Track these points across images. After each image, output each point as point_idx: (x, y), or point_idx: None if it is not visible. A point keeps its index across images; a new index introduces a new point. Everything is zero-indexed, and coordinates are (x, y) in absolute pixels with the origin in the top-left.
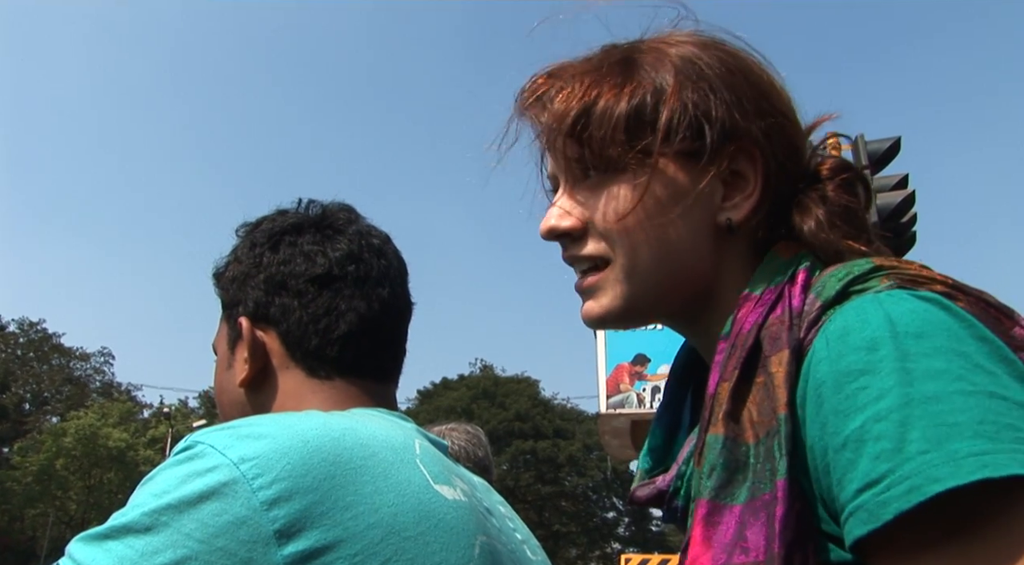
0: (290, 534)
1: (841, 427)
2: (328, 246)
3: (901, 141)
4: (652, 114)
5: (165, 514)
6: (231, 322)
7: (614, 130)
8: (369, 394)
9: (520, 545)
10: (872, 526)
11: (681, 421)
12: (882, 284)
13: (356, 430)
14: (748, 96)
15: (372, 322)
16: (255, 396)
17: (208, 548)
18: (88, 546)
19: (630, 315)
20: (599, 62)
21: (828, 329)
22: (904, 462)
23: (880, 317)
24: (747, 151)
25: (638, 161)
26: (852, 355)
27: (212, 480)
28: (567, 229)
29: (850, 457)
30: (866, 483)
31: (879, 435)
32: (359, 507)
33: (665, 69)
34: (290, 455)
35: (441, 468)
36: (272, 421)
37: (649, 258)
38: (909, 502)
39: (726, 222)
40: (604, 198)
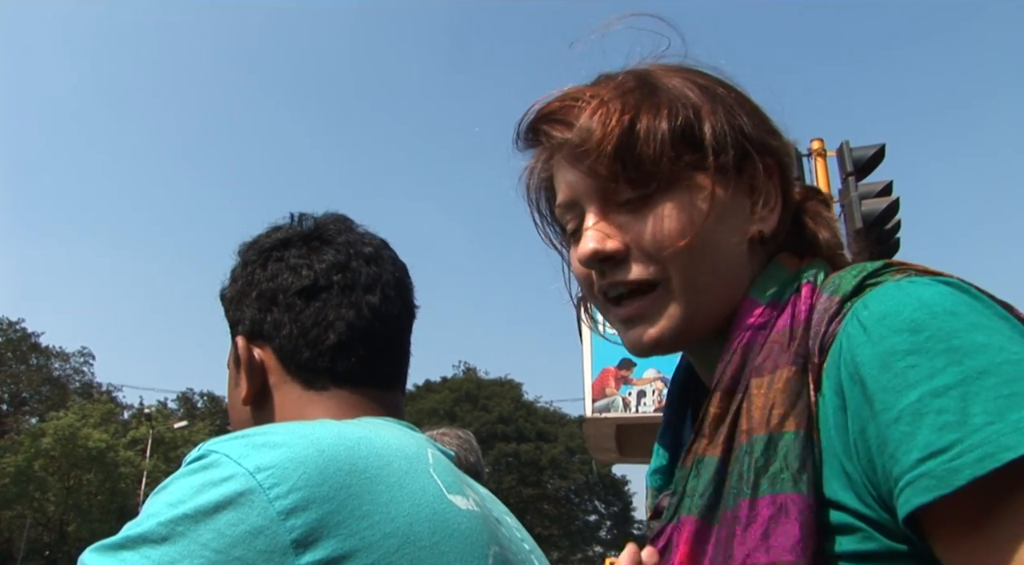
0: (307, 544)
1: (893, 402)
2: (314, 258)
3: (885, 148)
4: (698, 131)
5: (181, 524)
6: (233, 341)
7: (662, 146)
8: (373, 402)
9: (528, 555)
10: (941, 492)
11: (682, 441)
12: (895, 276)
13: (371, 439)
14: (761, 117)
15: (364, 330)
16: (258, 413)
17: (225, 558)
18: (103, 556)
19: (683, 336)
20: (619, 85)
21: (861, 315)
22: (972, 432)
23: (914, 300)
24: (768, 166)
25: (687, 176)
26: (895, 337)
27: (228, 490)
28: (612, 251)
29: (906, 430)
30: (930, 452)
31: (940, 409)
32: (375, 516)
33: (691, 91)
34: (306, 464)
35: (454, 478)
36: (287, 430)
37: (707, 273)
38: (983, 468)
39: (759, 234)
40: (655, 217)
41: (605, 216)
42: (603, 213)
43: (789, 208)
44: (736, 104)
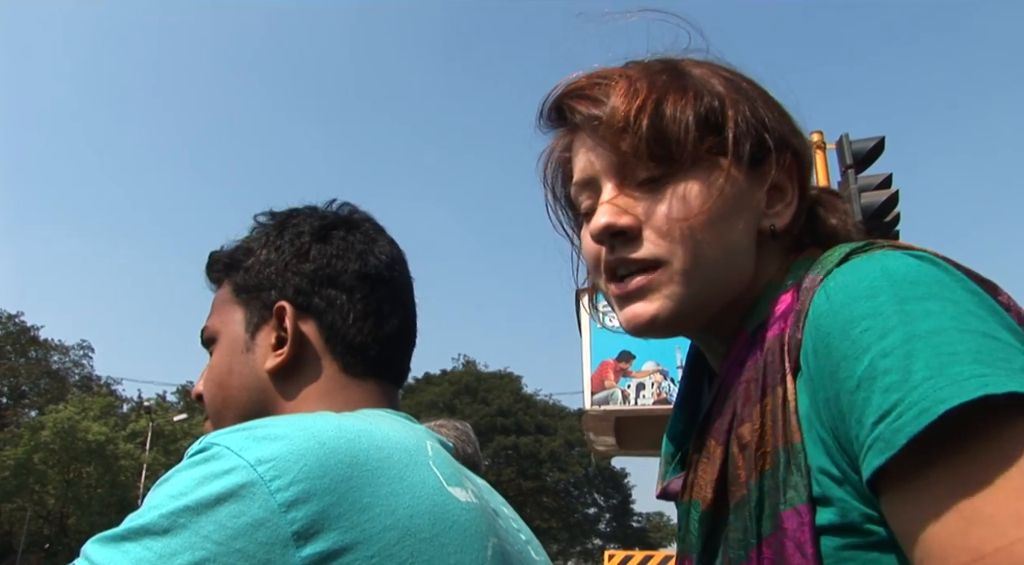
0: (308, 536)
1: (852, 369)
2: (376, 247)
3: (885, 141)
4: (721, 118)
5: (183, 516)
6: (253, 305)
7: (687, 129)
8: (385, 395)
9: (525, 546)
10: (889, 454)
11: (701, 406)
12: (873, 251)
13: (371, 432)
14: (783, 114)
15: (405, 328)
16: (283, 383)
17: (226, 550)
18: (105, 547)
19: (680, 320)
20: (647, 67)
21: (827, 285)
22: (911, 390)
23: (877, 269)
24: (787, 161)
25: (708, 161)
26: (854, 304)
27: (230, 482)
28: (625, 226)
29: (864, 395)
30: (880, 415)
31: (886, 369)
32: (376, 509)
33: (717, 82)
34: (307, 457)
35: (453, 470)
36: (288, 423)
37: (711, 260)
38: (920, 424)
39: (770, 228)
40: (670, 197)
41: (622, 192)
42: (620, 189)
43: (804, 204)
44: (759, 98)
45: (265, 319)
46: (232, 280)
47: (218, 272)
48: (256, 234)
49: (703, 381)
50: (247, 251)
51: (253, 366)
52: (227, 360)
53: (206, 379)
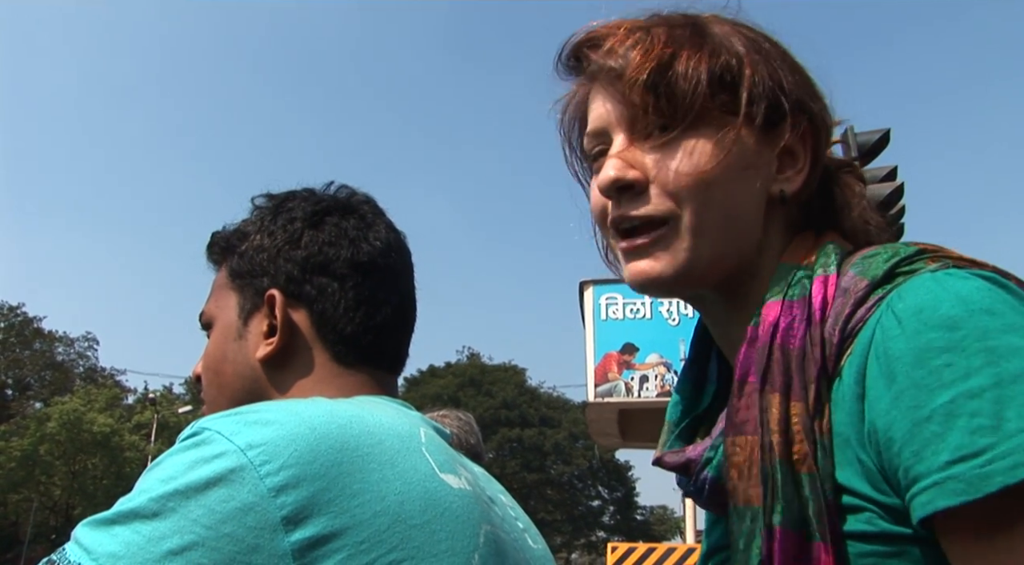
0: (297, 521)
1: (925, 401)
2: (370, 234)
3: (890, 133)
4: (736, 76)
5: (172, 500)
6: (246, 291)
7: (698, 85)
8: (380, 383)
9: (521, 533)
10: (968, 497)
11: (708, 374)
12: (929, 265)
13: (363, 418)
14: (804, 78)
15: (400, 316)
16: (274, 372)
17: (215, 534)
18: (95, 531)
19: (686, 278)
20: (667, 20)
21: (896, 307)
22: (1006, 438)
23: (952, 295)
24: (801, 128)
25: (719, 119)
26: (931, 333)
27: (219, 466)
28: (632, 180)
29: (936, 430)
30: (961, 456)
31: (974, 412)
32: (366, 495)
33: (737, 40)
34: (297, 442)
35: (446, 457)
36: (279, 408)
37: (718, 218)
38: (1016, 476)
39: (779, 193)
40: (679, 153)
41: (631, 145)
42: (630, 142)
43: (816, 173)
44: (781, 60)
45: (257, 306)
46: (228, 264)
47: (216, 254)
48: (252, 218)
49: (710, 354)
50: (242, 235)
51: (246, 354)
52: (222, 346)
53: (203, 365)
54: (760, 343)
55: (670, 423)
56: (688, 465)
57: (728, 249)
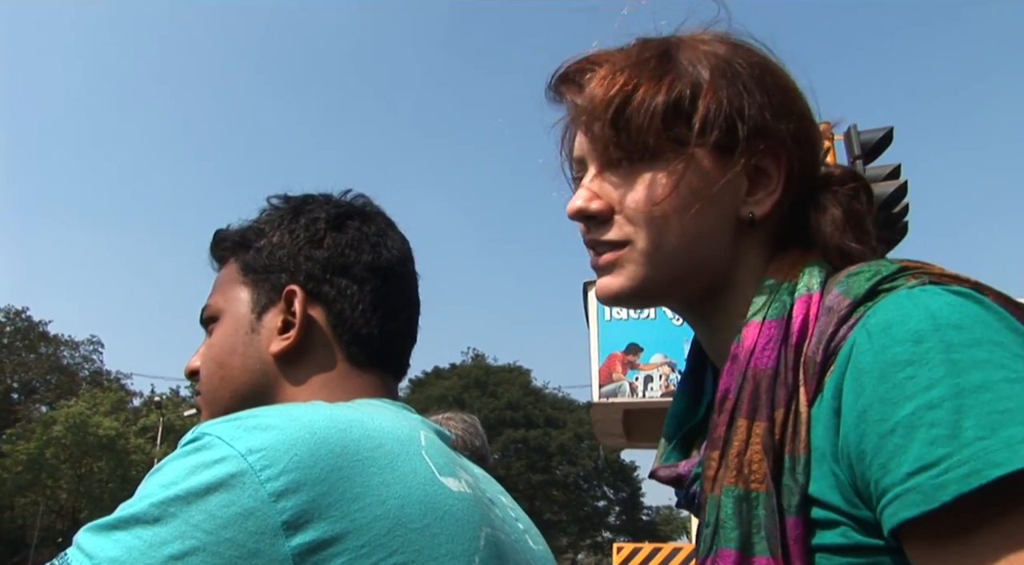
0: (297, 525)
1: (889, 414)
2: (388, 241)
3: (893, 131)
4: (689, 107)
5: (173, 505)
6: (261, 286)
7: (652, 118)
8: (385, 387)
9: (522, 535)
10: (926, 507)
11: (704, 388)
12: (910, 282)
13: (363, 421)
14: (777, 97)
15: (410, 324)
16: (287, 368)
17: (216, 539)
18: (96, 536)
19: (643, 296)
20: (637, 53)
21: (868, 322)
22: (961, 447)
23: (921, 310)
24: (773, 150)
25: (673, 150)
26: (897, 346)
27: (220, 471)
28: (595, 211)
29: (899, 442)
30: (920, 467)
31: (933, 422)
32: (366, 499)
33: (702, 65)
34: (298, 447)
35: (446, 460)
36: (279, 412)
37: (672, 245)
38: (969, 485)
39: (748, 216)
40: (637, 184)
41: (603, 176)
42: (599, 173)
43: (789, 192)
44: (752, 81)
45: (273, 301)
46: (240, 259)
47: (224, 250)
48: (269, 216)
49: (706, 365)
50: (259, 232)
51: (258, 348)
52: (230, 339)
53: (205, 357)
54: (739, 365)
55: (667, 434)
56: (680, 479)
57: (687, 270)
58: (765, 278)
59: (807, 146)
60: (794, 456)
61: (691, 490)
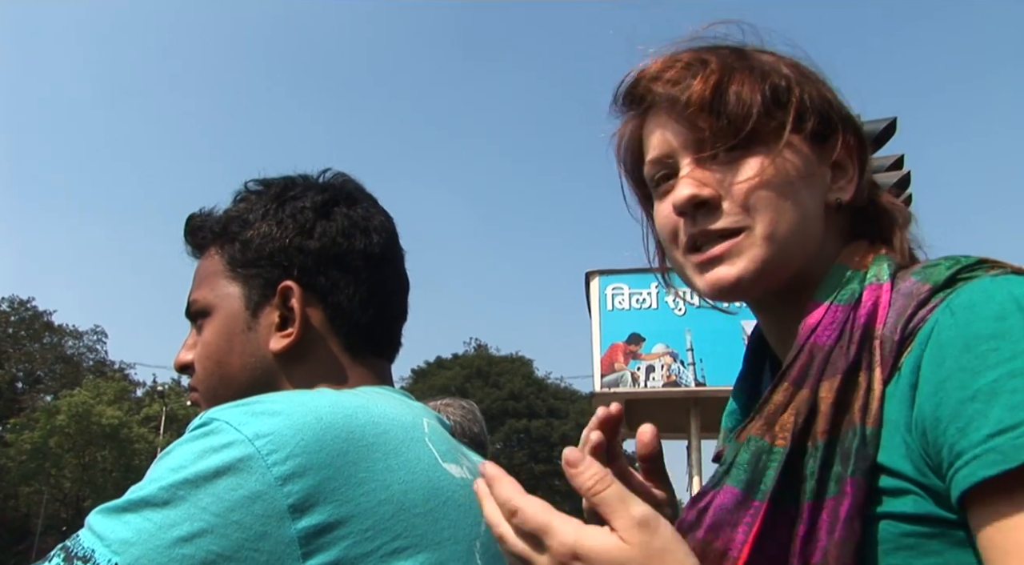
0: (303, 509)
1: (970, 382)
2: (375, 223)
3: (897, 122)
4: (786, 96)
5: (182, 488)
6: (254, 282)
7: (752, 106)
8: (382, 373)
9: None
10: (1006, 466)
11: (760, 388)
12: (990, 272)
13: (368, 408)
14: (840, 98)
15: (404, 303)
16: (289, 364)
17: (224, 521)
18: (107, 518)
19: (760, 280)
20: (717, 51)
21: (952, 303)
22: None
23: (1004, 293)
24: (849, 140)
25: (773, 137)
26: (980, 322)
27: (228, 456)
28: (707, 197)
29: (980, 407)
30: (1001, 429)
31: (1015, 389)
32: (371, 483)
33: (783, 65)
34: (304, 432)
35: (448, 447)
36: (285, 399)
37: (787, 225)
38: None
39: (836, 202)
40: (745, 168)
41: (699, 166)
42: (697, 164)
43: (865, 183)
44: (823, 83)
45: (267, 297)
46: (225, 252)
47: (203, 239)
48: (250, 204)
49: (764, 362)
50: (243, 222)
51: (256, 346)
52: (226, 337)
53: (200, 355)
54: (799, 341)
55: (726, 430)
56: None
57: (798, 251)
58: (836, 264)
59: (867, 143)
60: (862, 429)
61: None
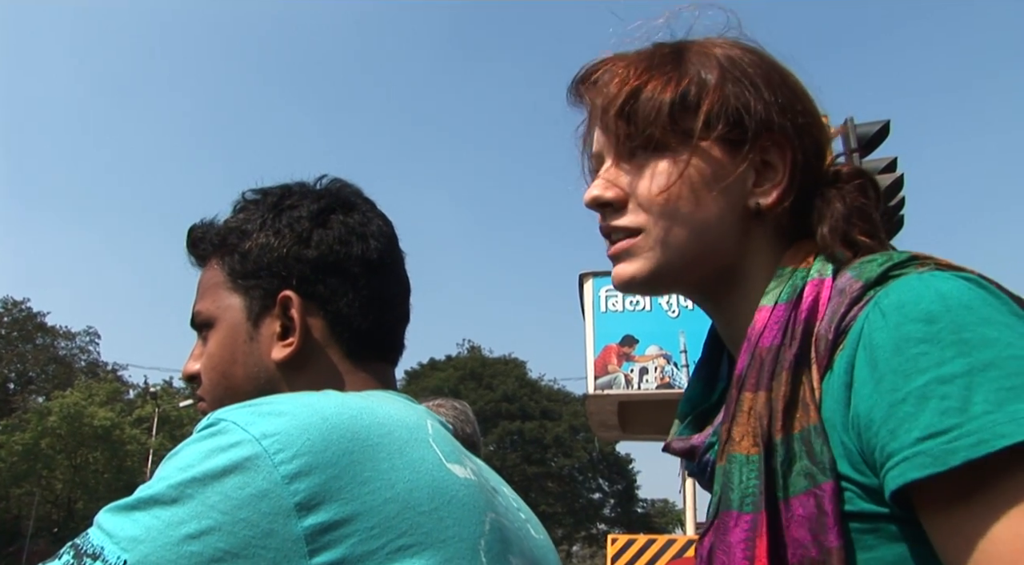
0: (310, 507)
1: (902, 384)
2: (373, 228)
3: (890, 124)
4: (695, 102)
5: (190, 487)
6: (254, 292)
7: (659, 112)
8: (385, 378)
9: (524, 524)
10: (934, 470)
11: (719, 373)
12: (919, 268)
13: (372, 409)
14: (783, 96)
15: (405, 306)
16: (291, 374)
17: (231, 519)
18: (116, 516)
19: (655, 282)
20: (650, 54)
21: (881, 302)
22: (971, 419)
23: (932, 292)
24: (779, 144)
25: (680, 142)
26: (910, 325)
27: (235, 455)
28: (610, 199)
29: (910, 411)
30: (930, 433)
31: (944, 395)
32: (376, 482)
33: (711, 64)
34: (310, 431)
35: (452, 448)
36: (291, 399)
37: (682, 231)
38: (977, 452)
39: (755, 206)
40: (647, 173)
41: (616, 167)
42: (615, 165)
43: (794, 185)
44: (760, 80)
45: (268, 308)
46: (225, 263)
47: (204, 250)
48: (248, 215)
49: (722, 353)
50: (241, 233)
51: (259, 356)
52: (229, 349)
53: (206, 366)
54: (750, 345)
55: (680, 415)
56: (693, 450)
57: (697, 257)
58: (780, 267)
59: (812, 142)
60: (804, 425)
61: (704, 459)
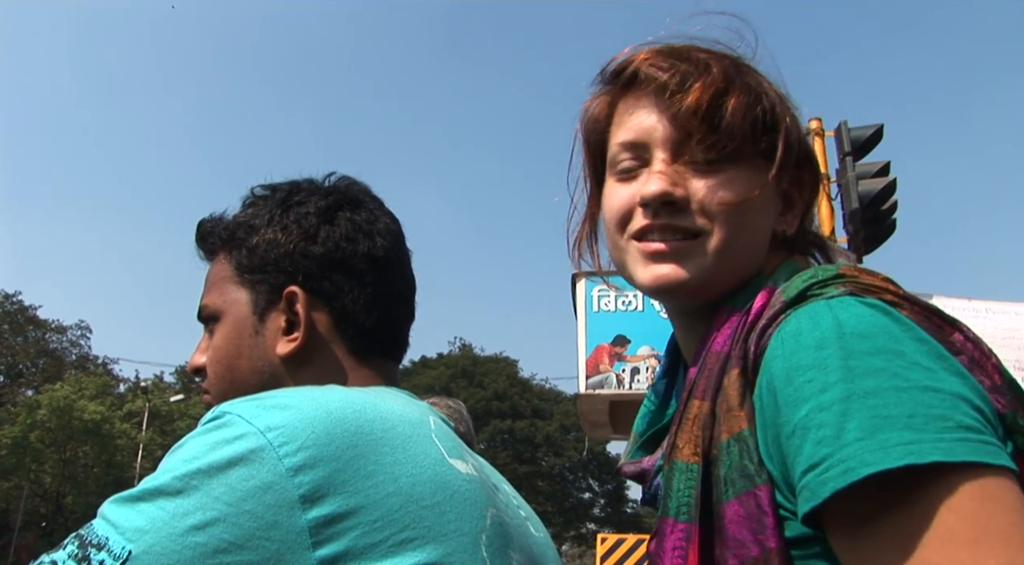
0: (314, 499)
1: (791, 416)
2: (380, 226)
3: (884, 128)
4: (772, 122)
5: (195, 478)
6: (260, 287)
7: (745, 123)
8: (389, 374)
9: (524, 521)
10: (813, 503)
11: (677, 387)
12: (837, 290)
13: (376, 404)
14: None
15: (410, 303)
16: (295, 368)
17: (236, 511)
18: (121, 507)
19: (702, 288)
20: (719, 58)
21: (783, 330)
22: (841, 448)
23: (829, 319)
24: (803, 178)
25: (754, 158)
26: (802, 353)
27: (240, 447)
28: (679, 197)
29: (797, 443)
30: (809, 465)
31: (821, 423)
32: (379, 476)
33: (773, 91)
34: (314, 425)
35: (454, 444)
36: (296, 393)
37: (741, 242)
38: (843, 482)
39: (781, 233)
40: (715, 180)
41: (678, 167)
42: (674, 164)
43: (808, 216)
44: (795, 118)
45: (273, 302)
46: (233, 257)
47: (212, 244)
48: (257, 210)
49: (679, 370)
50: (249, 228)
51: (264, 350)
52: (235, 342)
53: (212, 359)
54: (703, 350)
55: (635, 434)
56: (643, 474)
57: (740, 270)
58: (755, 277)
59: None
60: (743, 427)
61: (654, 483)
